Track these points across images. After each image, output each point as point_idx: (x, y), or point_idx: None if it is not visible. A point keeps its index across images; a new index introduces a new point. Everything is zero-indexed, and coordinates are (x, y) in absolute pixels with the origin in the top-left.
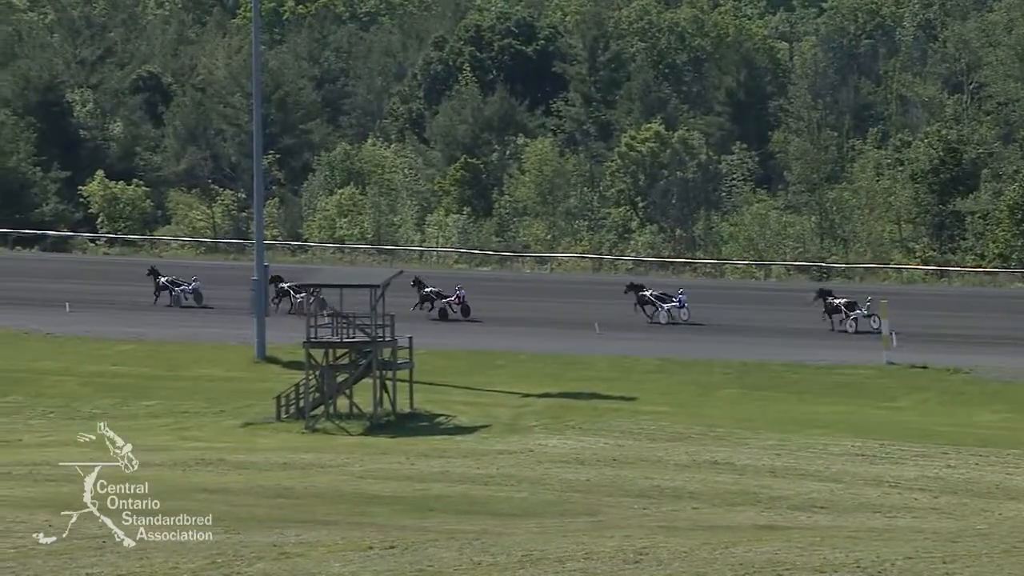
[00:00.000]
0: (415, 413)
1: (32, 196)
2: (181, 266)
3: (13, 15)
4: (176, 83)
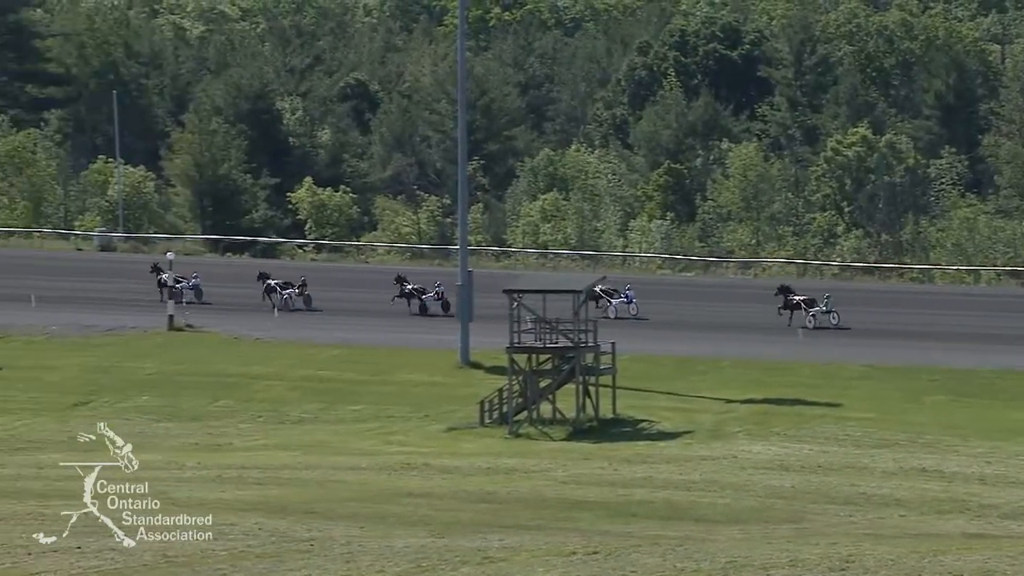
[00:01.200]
0: (618, 418)
1: (242, 203)
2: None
3: (226, 25)
4: (383, 90)
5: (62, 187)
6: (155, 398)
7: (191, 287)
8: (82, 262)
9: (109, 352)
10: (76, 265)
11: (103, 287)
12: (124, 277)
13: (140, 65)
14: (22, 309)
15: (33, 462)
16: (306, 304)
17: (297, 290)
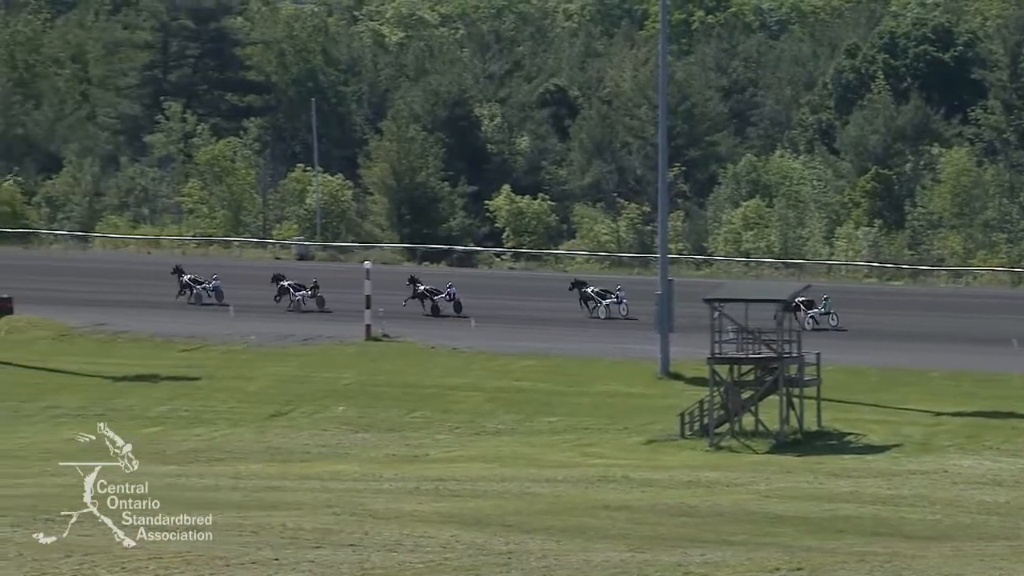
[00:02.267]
0: (823, 431)
1: (440, 211)
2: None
3: (425, 31)
4: (582, 96)
5: (261, 196)
6: (352, 408)
7: (212, 289)
8: (280, 271)
9: (306, 362)
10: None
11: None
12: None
13: (339, 72)
14: (221, 319)
15: (231, 472)
16: (319, 306)
17: (310, 292)
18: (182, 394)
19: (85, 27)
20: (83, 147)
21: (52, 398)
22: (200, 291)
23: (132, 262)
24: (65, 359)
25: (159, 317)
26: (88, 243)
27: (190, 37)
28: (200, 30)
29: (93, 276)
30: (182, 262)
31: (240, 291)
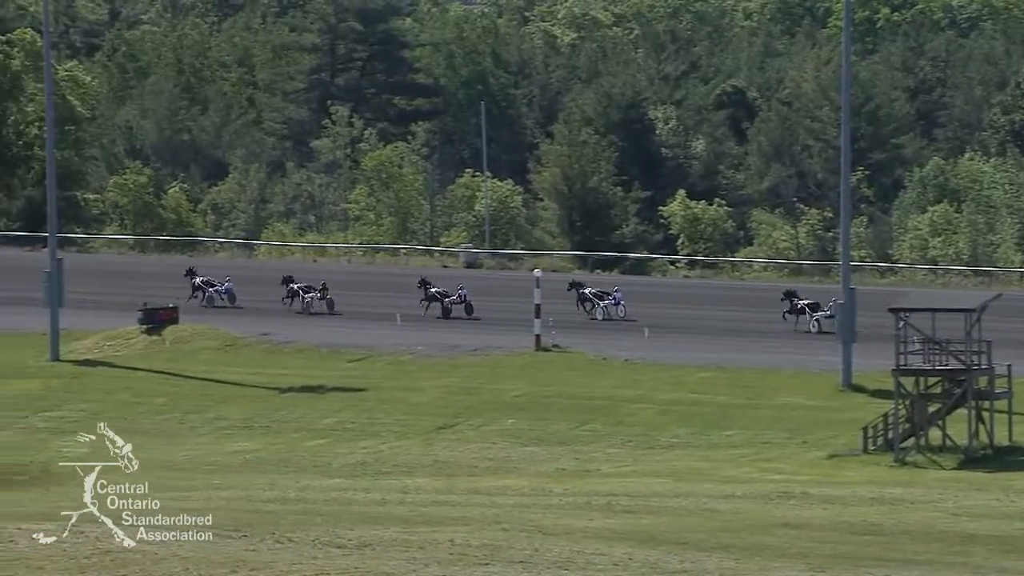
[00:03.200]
0: (1015, 446)
1: (612, 217)
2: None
3: (598, 31)
4: (761, 97)
5: (428, 202)
6: (521, 421)
7: (224, 291)
8: (448, 280)
9: (474, 373)
10: (442, 283)
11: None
12: (491, 295)
13: (509, 74)
14: (388, 328)
15: (398, 486)
16: (329, 308)
17: (319, 294)
18: (348, 406)
19: (252, 30)
20: (249, 153)
21: (217, 409)
22: (212, 293)
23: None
24: (230, 370)
25: (324, 327)
26: (254, 251)
27: (358, 39)
28: (368, 32)
29: (259, 284)
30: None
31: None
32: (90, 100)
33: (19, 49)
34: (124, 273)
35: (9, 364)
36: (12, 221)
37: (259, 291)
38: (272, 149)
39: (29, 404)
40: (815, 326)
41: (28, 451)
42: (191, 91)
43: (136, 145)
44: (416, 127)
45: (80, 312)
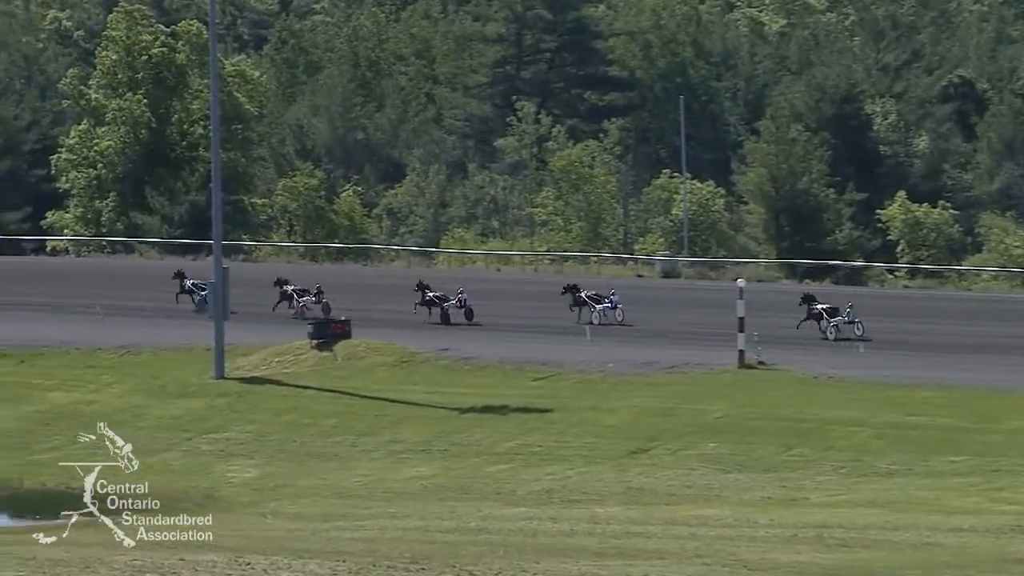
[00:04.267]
0: None
1: (824, 221)
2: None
3: (810, 17)
4: (992, 89)
5: (622, 206)
6: (723, 445)
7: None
8: (642, 290)
9: (671, 392)
10: (636, 294)
11: (666, 319)
12: (691, 307)
13: (711, 66)
14: (577, 343)
15: (588, 516)
16: (325, 313)
17: (314, 297)
18: (534, 428)
19: (432, 20)
20: (428, 153)
21: (393, 431)
22: (203, 298)
23: (480, 280)
24: (407, 388)
25: (507, 341)
26: (432, 259)
27: (546, 29)
28: (557, 21)
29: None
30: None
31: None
32: (258, 97)
33: (184, 42)
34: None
35: (172, 382)
36: (175, 228)
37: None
38: (452, 149)
39: (193, 425)
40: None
41: (191, 475)
42: (366, 86)
43: (307, 145)
44: (609, 124)
45: (246, 325)
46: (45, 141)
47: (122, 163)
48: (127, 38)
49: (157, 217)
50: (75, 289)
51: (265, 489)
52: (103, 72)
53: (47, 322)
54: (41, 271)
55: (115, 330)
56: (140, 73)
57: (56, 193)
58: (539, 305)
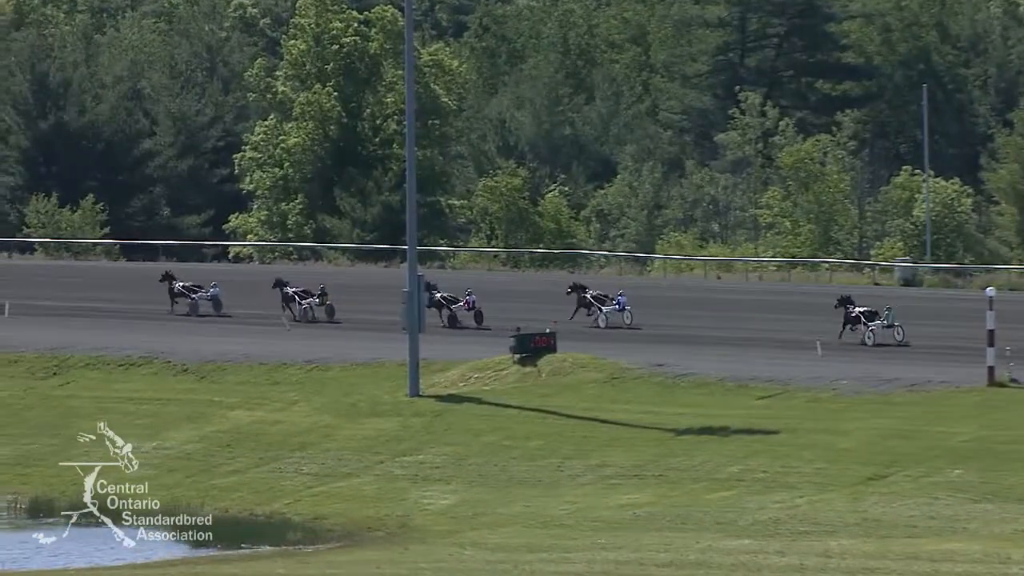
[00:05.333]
0: None
1: None
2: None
3: None
4: None
5: (857, 206)
6: (970, 472)
7: (209, 297)
8: (878, 300)
9: (912, 413)
10: (872, 303)
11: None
12: (934, 319)
13: (958, 51)
14: (807, 359)
15: (819, 549)
16: (328, 315)
17: (317, 300)
18: (758, 451)
19: (647, 3)
20: (641, 149)
21: (602, 454)
22: (196, 301)
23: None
24: (617, 407)
25: (727, 357)
26: (646, 265)
27: (773, 12)
28: (786, 3)
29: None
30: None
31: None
32: (457, 89)
33: (378, 30)
34: (493, 292)
35: (364, 400)
36: (366, 232)
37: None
38: (669, 144)
39: (386, 446)
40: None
41: (384, 502)
42: (575, 76)
43: (509, 141)
44: (842, 116)
45: (442, 339)
46: (228, 138)
47: (310, 162)
48: (317, 26)
49: (347, 220)
50: (259, 299)
51: (463, 517)
52: (290, 63)
53: (229, 335)
54: (221, 279)
55: (302, 343)
56: (330, 64)
57: (239, 195)
58: (765, 316)
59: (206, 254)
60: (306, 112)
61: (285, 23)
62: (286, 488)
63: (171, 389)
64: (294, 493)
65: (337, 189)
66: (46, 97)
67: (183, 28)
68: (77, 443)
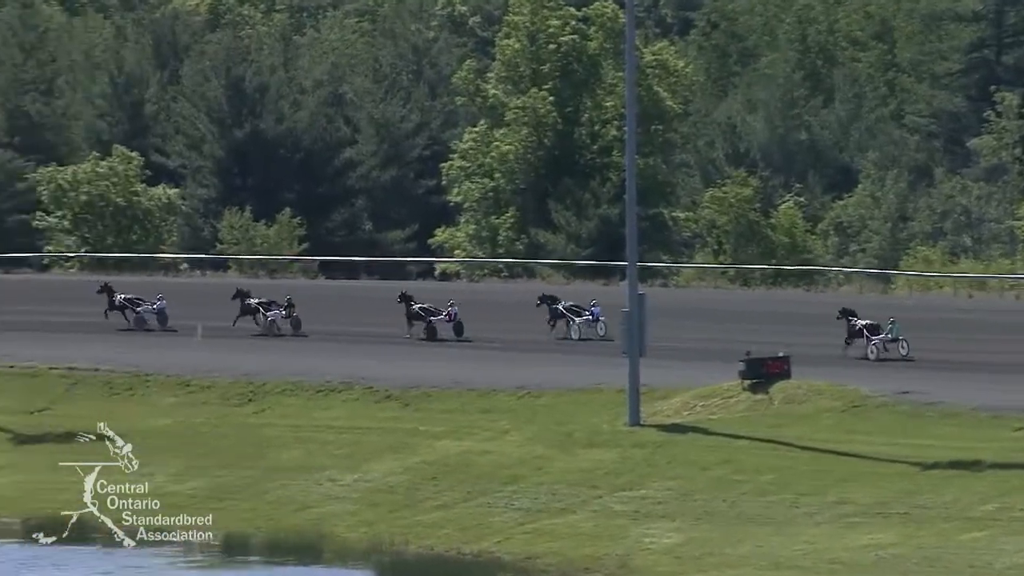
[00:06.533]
0: None
1: None
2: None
3: None
4: None
5: None
6: None
7: (155, 311)
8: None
9: None
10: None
11: None
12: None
13: None
14: None
15: None
16: (294, 328)
17: (284, 311)
18: (1016, 488)
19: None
20: (885, 156)
21: (840, 490)
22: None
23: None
24: (857, 438)
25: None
26: (889, 283)
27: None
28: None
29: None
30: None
31: None
32: (683, 91)
33: (597, 28)
34: (719, 312)
35: (579, 428)
36: (582, 247)
37: None
38: (916, 151)
39: (603, 480)
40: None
41: (603, 540)
42: (813, 77)
43: (740, 148)
44: None
45: (663, 363)
46: (434, 146)
47: (522, 171)
48: (531, 24)
49: (561, 235)
50: (468, 320)
51: (689, 558)
52: (502, 64)
53: (431, 359)
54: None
55: (512, 367)
56: (546, 65)
57: (446, 207)
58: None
59: (410, 271)
60: (519, 117)
61: (497, 22)
62: (496, 525)
63: (373, 417)
64: (504, 530)
65: (551, 201)
66: (242, 103)
67: (387, 28)
68: (274, 475)
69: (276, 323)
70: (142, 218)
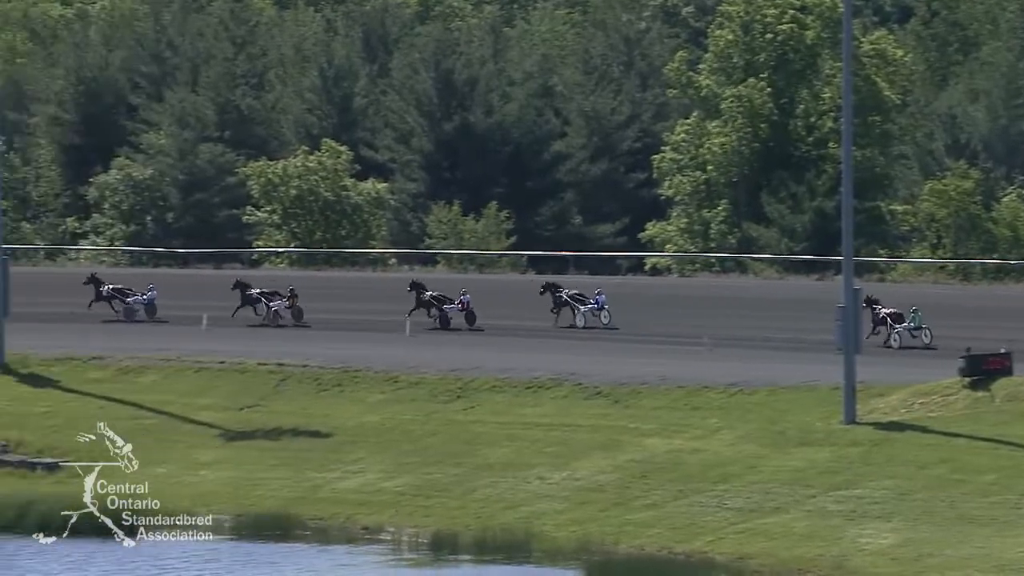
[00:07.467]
0: None
1: None
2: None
3: None
4: None
5: None
6: None
7: (145, 302)
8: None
9: None
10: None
11: None
12: None
13: None
14: None
15: None
16: (296, 318)
17: (287, 302)
18: None
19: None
20: None
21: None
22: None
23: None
24: None
25: None
26: None
27: None
28: None
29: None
30: None
31: None
32: (901, 81)
33: (815, 17)
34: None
35: (792, 427)
36: (796, 241)
37: None
38: None
39: (818, 479)
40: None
41: (817, 541)
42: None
43: (960, 139)
44: None
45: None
46: (646, 139)
47: (736, 164)
48: (747, 14)
49: (775, 229)
50: (679, 315)
51: (906, 559)
52: (716, 55)
53: (639, 354)
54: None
55: (724, 364)
56: (761, 55)
57: (657, 201)
58: None
59: (620, 266)
60: (734, 109)
61: (711, 12)
62: (707, 524)
63: (582, 414)
64: (716, 530)
65: (764, 194)
66: (451, 96)
67: (599, 19)
68: (482, 473)
69: (279, 313)
70: (351, 213)
